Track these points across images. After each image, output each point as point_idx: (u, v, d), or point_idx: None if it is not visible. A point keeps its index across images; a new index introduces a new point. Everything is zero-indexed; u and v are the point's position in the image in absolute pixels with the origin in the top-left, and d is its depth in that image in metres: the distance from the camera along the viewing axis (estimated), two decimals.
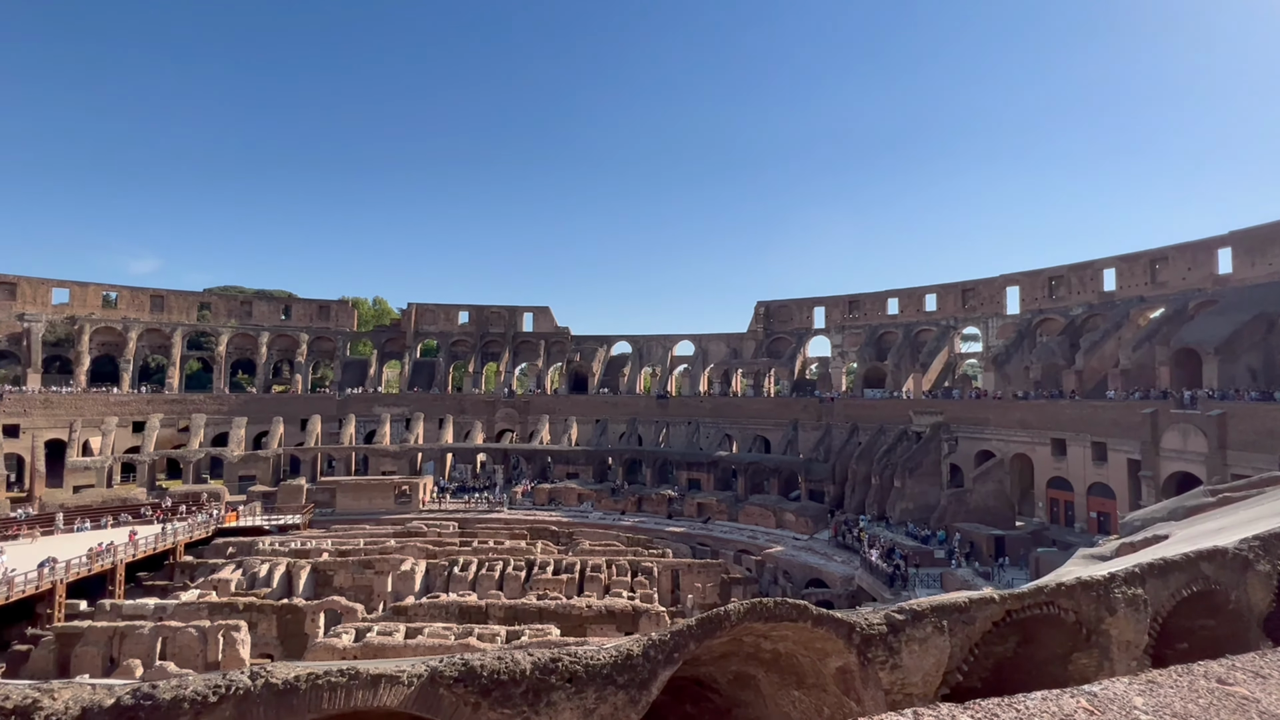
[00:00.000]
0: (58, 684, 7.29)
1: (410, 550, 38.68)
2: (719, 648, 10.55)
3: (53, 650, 27.26)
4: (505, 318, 76.05)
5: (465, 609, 29.87)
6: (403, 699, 7.65)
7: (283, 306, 74.83)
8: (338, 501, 50.96)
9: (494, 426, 68.14)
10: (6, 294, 59.16)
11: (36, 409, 54.38)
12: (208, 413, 61.58)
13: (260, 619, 29.61)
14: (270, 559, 37.15)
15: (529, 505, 53.25)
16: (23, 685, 6.96)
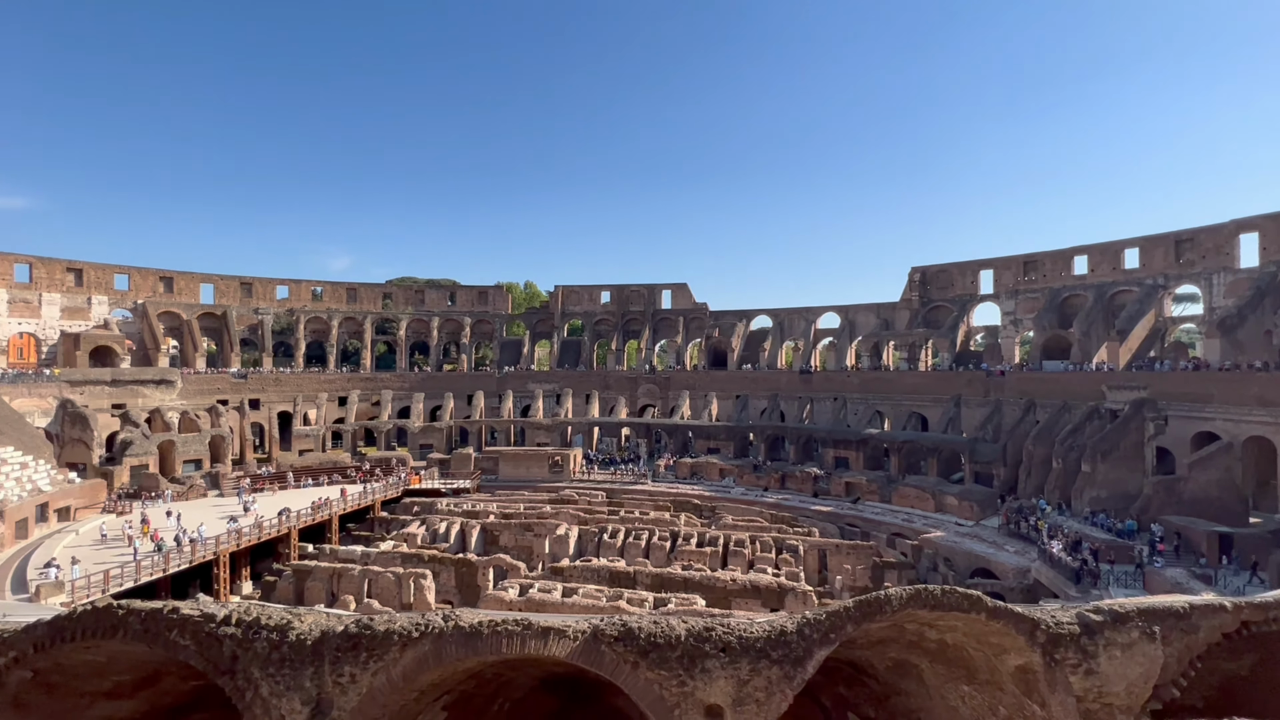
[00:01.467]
0: (303, 610, 8.86)
1: (564, 516, 41.52)
2: (878, 632, 10.09)
3: (291, 582, 33.27)
4: (645, 296, 77.70)
5: (615, 574, 31.51)
6: (569, 651, 8.30)
7: (449, 294, 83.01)
8: (500, 469, 56.01)
9: (636, 402, 70.40)
10: (245, 292, 72.06)
11: (270, 386, 65.90)
12: (393, 389, 70.54)
13: (441, 569, 33.62)
14: (447, 518, 41.95)
15: (671, 478, 54.52)
16: (279, 609, 8.58)
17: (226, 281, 71.25)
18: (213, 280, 70.58)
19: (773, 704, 8.02)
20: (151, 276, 66.55)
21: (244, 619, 8.01)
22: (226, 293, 70.91)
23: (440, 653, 7.96)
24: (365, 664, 7.91)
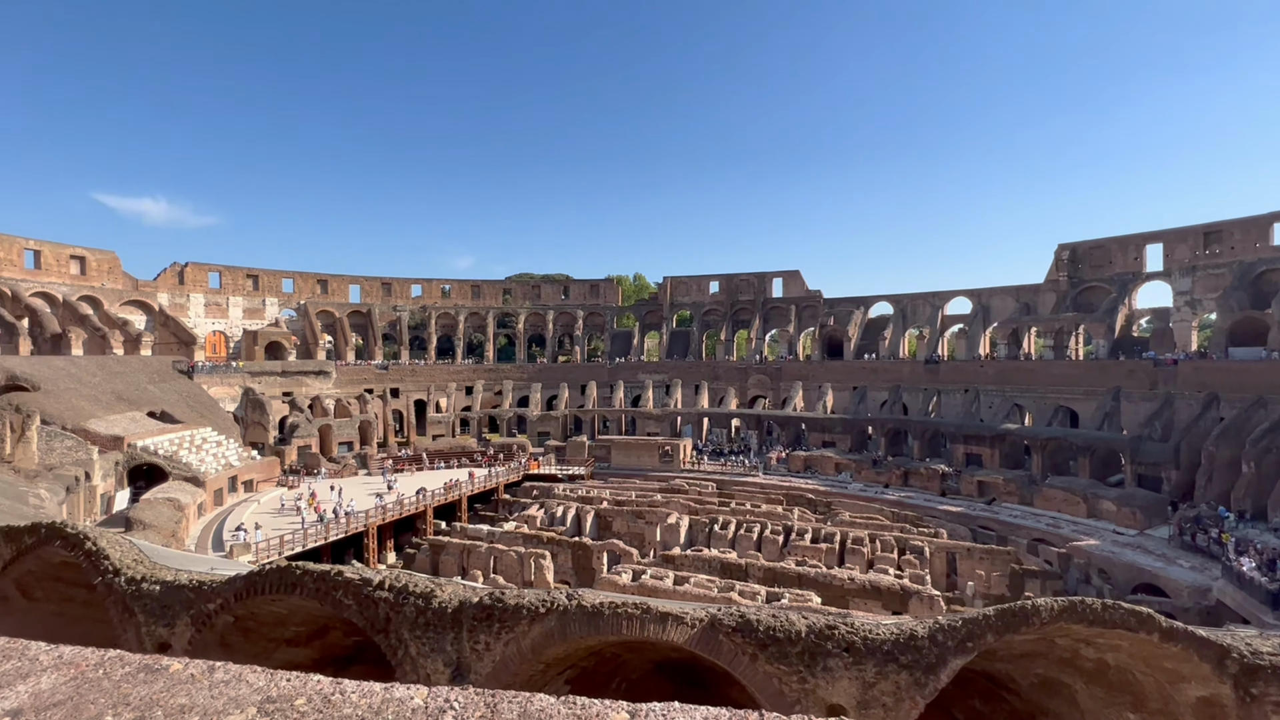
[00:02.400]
0: (443, 580, 9.67)
1: (674, 506, 41.93)
2: (1022, 645, 9.21)
3: (427, 555, 36.49)
4: (754, 284, 76.13)
5: (726, 565, 31.35)
6: (687, 637, 8.38)
7: (563, 288, 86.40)
8: (612, 457, 57.62)
9: (746, 392, 69.32)
10: (386, 292, 79.59)
11: (407, 377, 72.44)
12: (513, 379, 74.82)
13: (559, 551, 35.27)
14: (564, 502, 43.88)
15: (784, 471, 53.19)
16: (424, 578, 9.42)
17: (370, 282, 79.12)
18: (359, 281, 78.68)
19: (901, 711, 7.60)
20: (310, 280, 75.47)
21: (394, 585, 8.88)
22: (370, 292, 78.77)
23: (565, 629, 8.35)
24: (498, 634, 8.48)
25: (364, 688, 1.03)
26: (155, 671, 1.08)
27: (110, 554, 10.58)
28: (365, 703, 0.97)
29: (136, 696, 1.00)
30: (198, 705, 0.96)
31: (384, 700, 0.97)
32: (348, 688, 1.02)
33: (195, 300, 67.18)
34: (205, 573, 10.90)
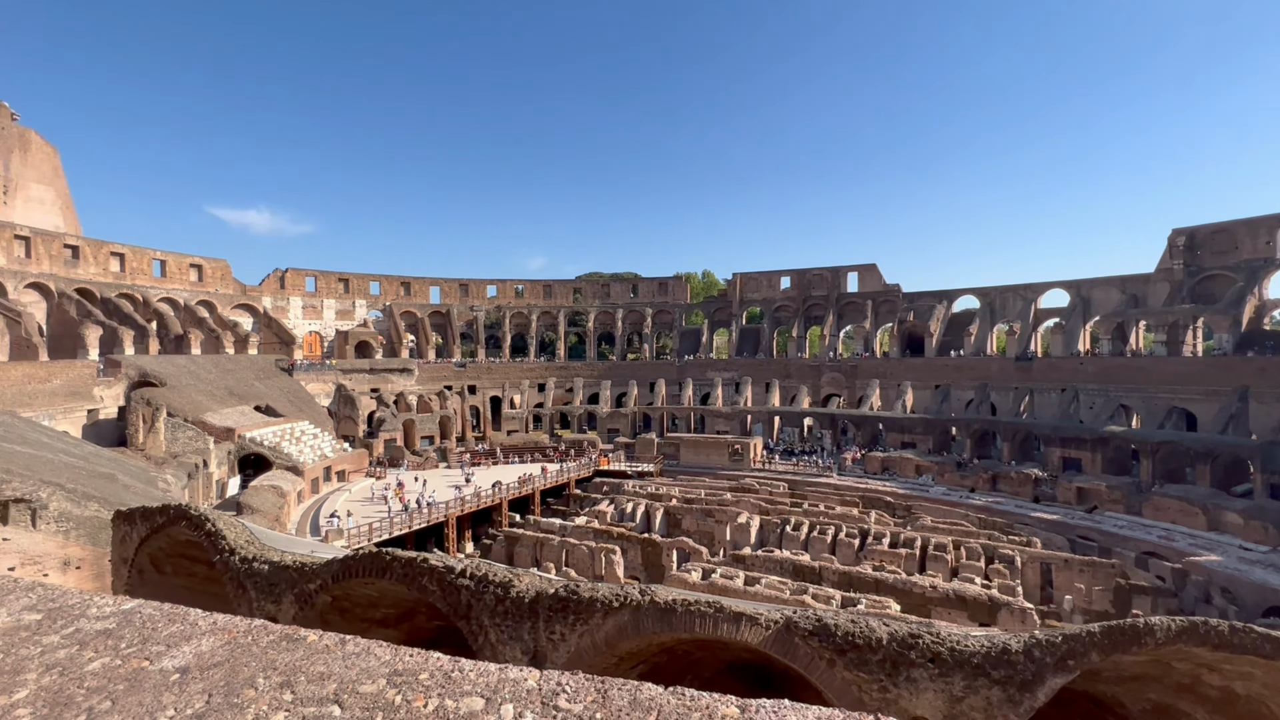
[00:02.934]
0: (520, 571, 10.00)
1: (744, 505, 41.39)
2: (1133, 667, 8.46)
3: (503, 546, 37.80)
4: (828, 279, 73.85)
5: (799, 567, 30.63)
6: (761, 639, 8.25)
7: (631, 286, 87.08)
8: (681, 455, 57.57)
9: (820, 391, 67.42)
10: (463, 292, 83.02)
11: (483, 374, 75.29)
12: (584, 377, 76.18)
13: (629, 547, 35.62)
14: (633, 499, 44.27)
15: (860, 473, 51.36)
16: (502, 567, 9.77)
17: (449, 284, 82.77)
18: (439, 283, 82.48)
19: None
20: (395, 282, 79.83)
21: (475, 573, 9.26)
22: (449, 293, 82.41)
23: (638, 624, 8.43)
24: (573, 625, 8.67)
25: (480, 667, 1.08)
26: (295, 641, 1.18)
27: (227, 535, 11.62)
28: (483, 681, 1.02)
29: (282, 662, 1.09)
30: (334, 674, 1.04)
31: (500, 680, 1.01)
32: (465, 666, 1.07)
33: (294, 303, 72.62)
34: (306, 555, 11.78)
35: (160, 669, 1.08)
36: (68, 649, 1.17)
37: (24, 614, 1.34)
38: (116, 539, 13.96)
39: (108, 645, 1.20)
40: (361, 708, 0.93)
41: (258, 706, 0.94)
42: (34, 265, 53.49)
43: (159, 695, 0.99)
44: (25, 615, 1.33)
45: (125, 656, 1.13)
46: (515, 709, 0.97)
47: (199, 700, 0.97)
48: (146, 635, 1.23)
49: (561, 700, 1.01)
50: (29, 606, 1.37)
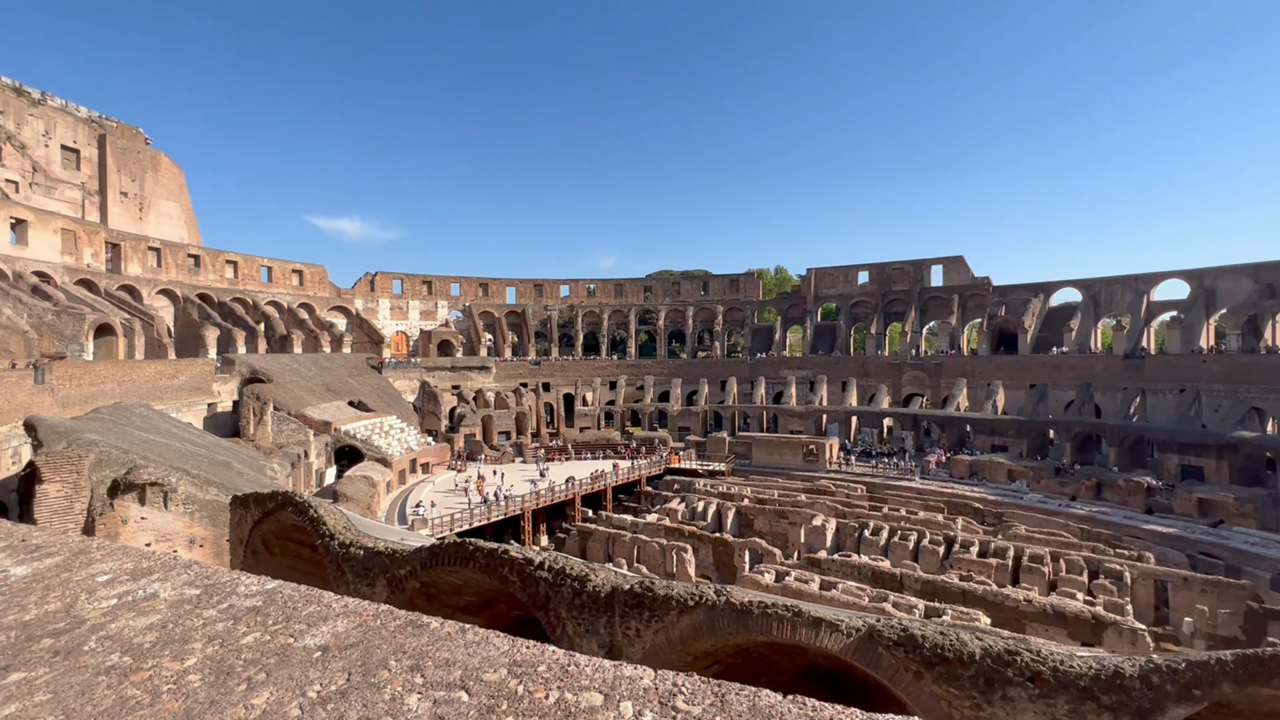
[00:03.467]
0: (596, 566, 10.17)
1: (820, 507, 40.23)
2: (1271, 702, 7.56)
3: (576, 540, 38.60)
4: (909, 273, 70.43)
5: (878, 574, 29.44)
6: (842, 646, 7.99)
7: (702, 283, 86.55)
8: (754, 454, 56.69)
9: (900, 390, 64.49)
10: (537, 292, 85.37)
11: (557, 372, 77.15)
12: (655, 375, 76.49)
13: (700, 546, 35.45)
14: (705, 497, 44.02)
15: (944, 477, 48.71)
16: (579, 562, 9.98)
17: (524, 284, 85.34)
18: (515, 284, 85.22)
19: None
20: (474, 284, 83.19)
21: (553, 566, 9.50)
22: (524, 294, 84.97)
23: (713, 624, 8.37)
24: (648, 622, 8.73)
25: (594, 662, 1.09)
26: (420, 627, 1.24)
27: (327, 521, 12.52)
28: (599, 676, 1.03)
29: (410, 646, 1.15)
30: (459, 660, 1.09)
31: (615, 676, 1.03)
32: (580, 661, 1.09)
33: (383, 305, 77.21)
34: (397, 542, 12.50)
35: (304, 646, 1.17)
36: (224, 623, 1.29)
37: (185, 589, 1.48)
38: (234, 521, 15.35)
39: (257, 621, 1.31)
40: (487, 695, 0.97)
41: (393, 687, 1.00)
42: (164, 273, 59.66)
43: (305, 670, 1.08)
44: (186, 590, 1.48)
45: (273, 633, 1.23)
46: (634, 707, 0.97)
47: (340, 678, 1.04)
48: (289, 614, 1.34)
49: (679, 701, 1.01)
50: (188, 582, 1.52)
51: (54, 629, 1.29)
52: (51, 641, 1.23)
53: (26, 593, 1.48)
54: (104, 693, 1.04)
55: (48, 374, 32.82)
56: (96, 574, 1.58)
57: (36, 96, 57.51)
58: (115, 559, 1.67)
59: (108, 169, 61.54)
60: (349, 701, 0.97)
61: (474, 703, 0.95)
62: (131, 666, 1.13)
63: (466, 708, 0.93)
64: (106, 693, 1.04)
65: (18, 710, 1.00)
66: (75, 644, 1.22)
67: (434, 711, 0.91)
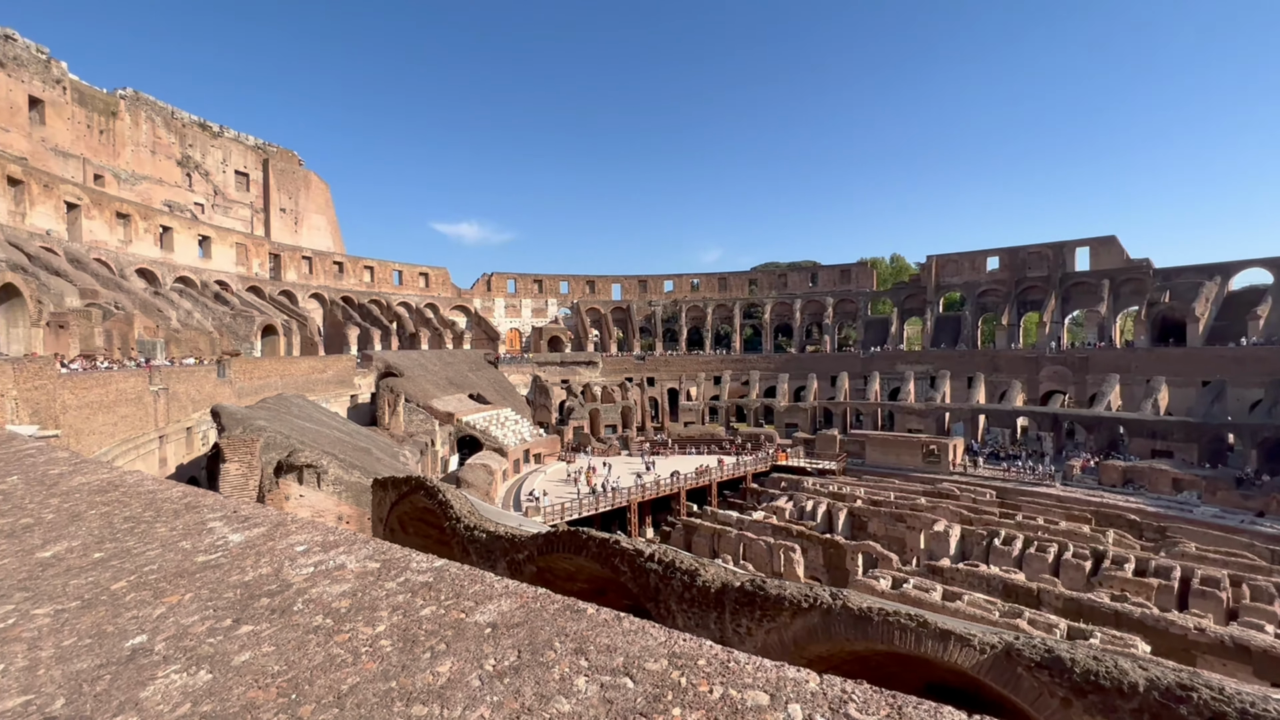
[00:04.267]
0: (706, 561, 10.16)
1: (942, 511, 37.53)
2: None
3: (681, 534, 38.79)
4: (1049, 257, 63.58)
5: (1011, 587, 26.96)
6: (974, 663, 7.40)
7: (810, 275, 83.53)
8: (867, 454, 53.95)
9: (1038, 386, 58.51)
10: (642, 288, 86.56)
11: (661, 367, 77.87)
12: (760, 370, 74.99)
13: (808, 546, 34.32)
14: (814, 497, 42.55)
15: (1092, 484, 43.60)
16: (689, 556, 10.02)
17: (629, 281, 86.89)
18: (620, 280, 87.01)
19: None
20: (582, 281, 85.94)
21: (663, 559, 9.61)
22: (629, 290, 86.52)
23: (829, 628, 8.08)
24: (759, 621, 8.59)
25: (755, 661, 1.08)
26: (578, 612, 1.30)
27: (454, 505, 13.50)
28: (762, 676, 1.02)
29: (571, 630, 1.21)
30: (619, 647, 1.12)
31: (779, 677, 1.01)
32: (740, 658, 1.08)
33: (498, 303, 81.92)
34: (515, 527, 13.23)
35: (475, 622, 1.26)
36: (403, 595, 1.42)
37: (367, 561, 1.65)
38: (375, 501, 16.99)
39: (431, 595, 1.43)
40: (651, 684, 0.99)
41: (560, 667, 1.05)
42: (314, 279, 67.15)
43: (480, 645, 1.16)
44: (368, 563, 1.65)
45: (446, 608, 1.34)
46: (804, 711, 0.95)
47: (511, 654, 1.11)
48: (458, 591, 1.45)
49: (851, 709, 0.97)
50: (369, 556, 1.69)
51: (269, 590, 1.49)
52: (268, 601, 1.42)
53: (243, 557, 1.72)
54: (314, 649, 1.18)
55: (227, 368, 38.13)
56: (294, 544, 1.80)
57: (216, 130, 66.79)
58: (307, 531, 1.90)
59: (270, 189, 70.25)
60: (522, 677, 1.03)
61: (639, 690, 0.97)
62: (333, 628, 1.27)
63: (633, 695, 0.95)
64: (316, 649, 1.18)
65: (251, 658, 1.15)
66: (286, 604, 1.40)
67: (602, 695, 0.94)
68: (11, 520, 2.24)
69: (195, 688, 1.07)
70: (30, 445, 4.01)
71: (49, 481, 2.87)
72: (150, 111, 59.74)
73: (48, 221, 41.44)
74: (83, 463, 3.27)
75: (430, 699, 0.98)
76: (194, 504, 2.29)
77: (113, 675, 1.15)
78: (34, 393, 18.38)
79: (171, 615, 1.38)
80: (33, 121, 48.94)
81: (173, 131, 61.59)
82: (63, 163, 50.32)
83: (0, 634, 1.34)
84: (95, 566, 1.69)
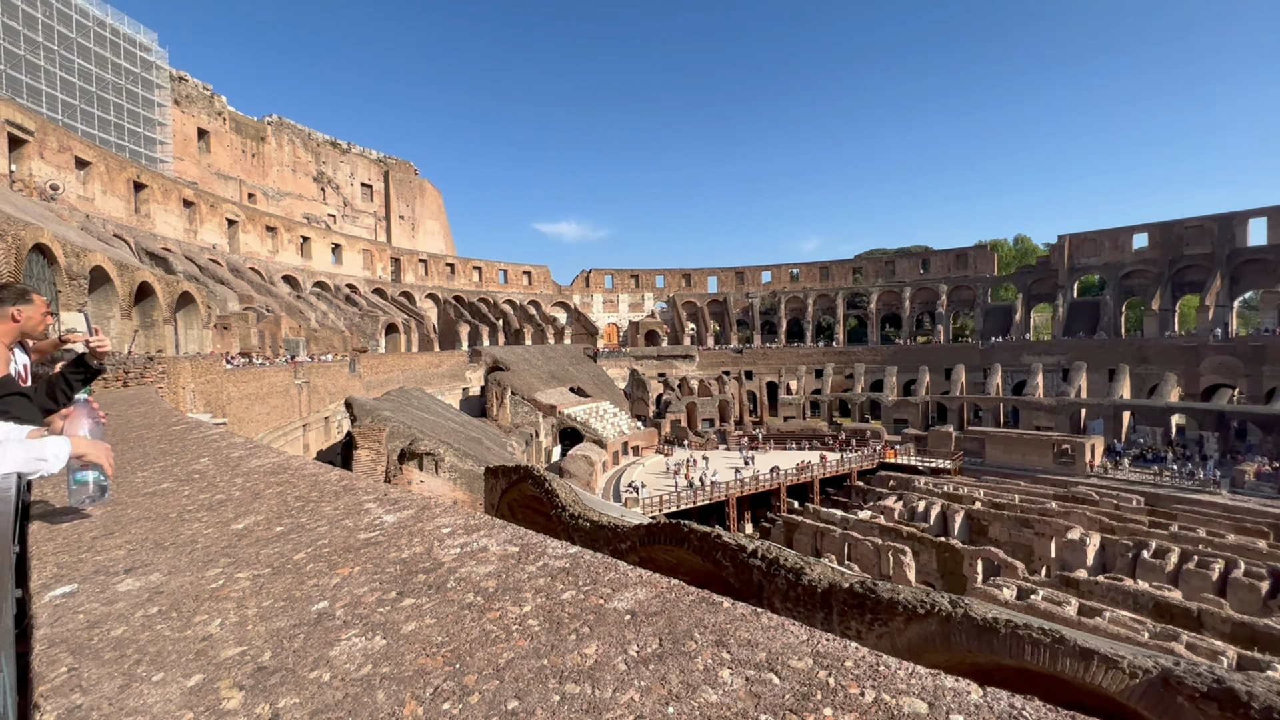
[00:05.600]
0: (812, 560, 9.88)
1: (1077, 518, 34.00)
2: None
3: (782, 531, 37.93)
4: (1212, 232, 55.41)
5: (1163, 606, 23.94)
6: (1123, 688, 6.67)
7: (921, 261, 78.30)
8: (987, 452, 49.93)
9: (1197, 380, 51.27)
10: (739, 280, 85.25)
11: (759, 360, 76.37)
12: (865, 362, 71.49)
13: (920, 549, 32.35)
14: (926, 497, 40.03)
15: (1270, 492, 37.66)
16: (793, 553, 9.79)
17: (725, 273, 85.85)
18: (716, 273, 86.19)
19: None
20: (677, 275, 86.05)
21: (766, 555, 9.45)
22: (725, 282, 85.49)
23: (949, 637, 7.59)
24: (870, 625, 8.23)
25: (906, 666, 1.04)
26: (714, 604, 1.31)
27: (560, 494, 14.04)
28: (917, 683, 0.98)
29: (709, 622, 1.22)
30: (760, 642, 1.12)
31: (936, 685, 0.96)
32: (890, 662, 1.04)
33: (596, 299, 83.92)
34: (617, 517, 13.54)
35: (614, 608, 1.30)
36: (544, 578, 1.50)
37: (507, 545, 1.77)
38: (487, 488, 18.04)
39: (569, 580, 1.50)
40: (797, 681, 0.98)
41: (703, 657, 1.06)
42: (429, 280, 72.23)
43: (621, 630, 1.20)
44: (508, 546, 1.76)
45: (585, 593, 1.40)
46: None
47: (653, 642, 1.14)
48: (594, 577, 1.51)
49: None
50: (508, 540, 1.81)
51: (424, 567, 1.63)
52: (424, 577, 1.56)
53: (398, 536, 1.89)
54: (470, 624, 1.28)
55: (358, 364, 41.98)
56: (440, 526, 1.96)
57: (345, 146, 73.52)
58: (449, 515, 2.06)
59: (390, 198, 76.33)
60: (667, 665, 1.05)
61: (786, 687, 0.96)
62: (484, 606, 1.37)
63: (780, 691, 0.94)
64: (471, 625, 1.28)
65: (417, 628, 1.27)
66: (440, 581, 1.52)
67: (748, 689, 0.94)
68: (209, 495, 2.62)
69: (374, 651, 1.20)
70: (214, 431, 4.67)
71: (232, 463, 3.32)
72: (291, 134, 66.85)
73: (213, 236, 47.64)
74: (256, 447, 3.75)
75: (581, 679, 1.02)
76: (350, 486, 2.56)
77: (305, 635, 1.31)
78: (206, 386, 21.26)
79: (346, 585, 1.55)
80: (200, 150, 56.42)
81: (309, 151, 68.54)
82: (223, 185, 57.60)
83: (213, 593, 1.58)
84: (278, 539, 1.94)
